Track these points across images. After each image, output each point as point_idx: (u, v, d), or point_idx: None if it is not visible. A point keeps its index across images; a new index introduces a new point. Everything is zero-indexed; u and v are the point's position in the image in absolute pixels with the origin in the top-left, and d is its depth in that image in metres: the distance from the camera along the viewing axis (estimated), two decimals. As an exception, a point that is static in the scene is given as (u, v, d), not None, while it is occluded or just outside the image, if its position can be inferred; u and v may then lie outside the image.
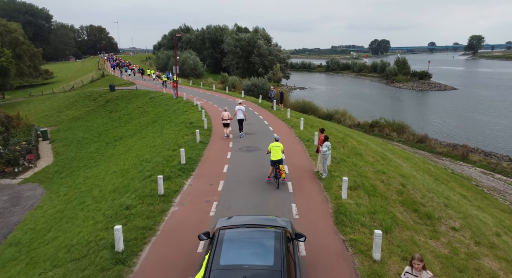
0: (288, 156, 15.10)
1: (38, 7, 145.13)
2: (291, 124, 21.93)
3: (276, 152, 12.25)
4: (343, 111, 50.33)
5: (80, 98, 43.46)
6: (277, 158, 12.15)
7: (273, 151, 12.31)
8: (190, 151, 16.06)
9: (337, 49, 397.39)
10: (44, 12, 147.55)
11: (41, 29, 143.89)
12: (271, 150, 12.40)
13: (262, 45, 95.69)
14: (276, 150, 12.30)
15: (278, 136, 13.33)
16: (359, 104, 67.65)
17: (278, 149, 12.33)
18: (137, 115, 32.45)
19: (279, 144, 12.53)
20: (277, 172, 11.97)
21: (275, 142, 12.69)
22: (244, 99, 34.15)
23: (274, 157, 12.19)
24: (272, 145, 12.52)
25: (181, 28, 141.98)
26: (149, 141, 22.45)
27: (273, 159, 12.19)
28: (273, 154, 12.24)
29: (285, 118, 23.58)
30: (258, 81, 60.90)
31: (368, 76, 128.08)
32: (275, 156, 12.19)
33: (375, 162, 16.26)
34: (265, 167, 13.64)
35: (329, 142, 12.68)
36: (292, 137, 18.94)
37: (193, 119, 23.33)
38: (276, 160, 12.14)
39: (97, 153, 25.19)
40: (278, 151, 12.29)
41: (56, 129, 35.19)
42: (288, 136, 19.11)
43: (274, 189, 11.78)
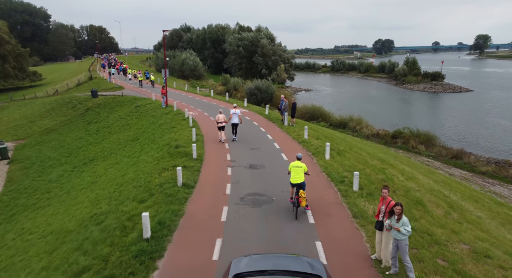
0: (317, 212, 9.44)
1: (36, 7, 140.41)
2: (311, 149, 16.16)
3: (297, 173, 10.14)
4: (359, 118, 44.36)
5: (57, 106, 37.81)
6: (297, 180, 10.08)
7: (293, 172, 10.22)
8: (164, 205, 10.32)
9: (340, 49, 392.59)
10: (42, 11, 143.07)
11: (39, 29, 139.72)
12: (291, 170, 10.33)
13: (265, 44, 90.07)
14: (297, 171, 10.19)
15: (300, 154, 10.81)
16: (371, 108, 61.80)
17: (299, 170, 10.20)
18: (117, 129, 26.77)
19: (301, 164, 10.35)
20: (296, 199, 9.76)
21: (297, 160, 10.50)
22: (247, 109, 28.35)
23: (294, 179, 10.14)
24: (292, 165, 10.39)
25: (182, 28, 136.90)
26: (119, 171, 16.75)
27: (293, 181, 10.14)
28: (294, 175, 10.17)
29: (302, 140, 17.80)
30: (262, 84, 55.14)
31: (376, 77, 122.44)
32: (295, 178, 10.12)
33: (450, 220, 10.49)
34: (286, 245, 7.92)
35: (406, 218, 6.88)
36: (316, 174, 13.17)
37: (180, 141, 17.59)
38: (296, 183, 10.06)
39: (57, 183, 19.49)
40: (299, 172, 10.17)
41: (22, 144, 29.55)
42: (310, 170, 13.34)
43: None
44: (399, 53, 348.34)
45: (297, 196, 9.71)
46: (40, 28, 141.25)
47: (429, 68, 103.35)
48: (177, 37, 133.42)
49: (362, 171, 13.53)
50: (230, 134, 18.68)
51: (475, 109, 59.57)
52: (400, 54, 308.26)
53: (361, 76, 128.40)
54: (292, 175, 10.22)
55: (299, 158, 10.56)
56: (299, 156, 10.63)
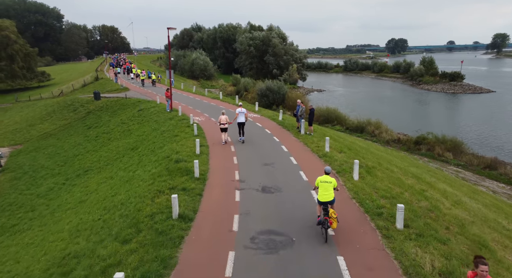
0: (353, 263, 6.92)
1: (49, 7, 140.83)
2: (334, 166, 13.58)
3: (326, 190, 8.85)
4: (377, 122, 41.37)
5: (59, 108, 35.97)
6: (327, 198, 8.78)
7: (321, 188, 8.92)
8: (152, 249, 7.91)
9: (352, 49, 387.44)
10: (55, 11, 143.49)
11: (52, 29, 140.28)
12: (319, 185, 9.02)
13: (277, 44, 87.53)
14: (326, 187, 8.88)
15: (329, 167, 9.46)
16: (387, 110, 58.65)
17: (328, 186, 8.89)
18: (118, 135, 24.62)
19: (330, 179, 9.02)
20: (326, 220, 8.48)
21: (325, 175, 9.16)
22: (259, 114, 25.84)
23: (322, 196, 8.82)
24: (320, 180, 9.05)
25: (193, 27, 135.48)
26: (111, 189, 14.48)
27: (322, 199, 8.80)
28: (321, 191, 8.89)
29: (323, 153, 15.23)
30: (274, 85, 52.60)
31: (390, 77, 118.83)
32: (324, 195, 8.80)
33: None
34: None
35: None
36: (344, 201, 10.60)
37: (182, 154, 15.23)
38: (325, 201, 8.75)
39: (45, 198, 17.37)
40: (328, 188, 8.88)
41: (17, 150, 27.67)
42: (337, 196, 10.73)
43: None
44: (413, 52, 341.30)
45: (327, 216, 8.43)
46: (53, 28, 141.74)
47: (445, 68, 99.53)
48: (188, 37, 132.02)
49: (400, 196, 10.96)
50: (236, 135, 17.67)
51: (499, 111, 55.94)
52: (413, 54, 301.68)
53: (375, 76, 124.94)
54: (320, 191, 8.87)
55: (327, 171, 9.17)
56: (328, 169, 9.25)
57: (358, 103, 65.96)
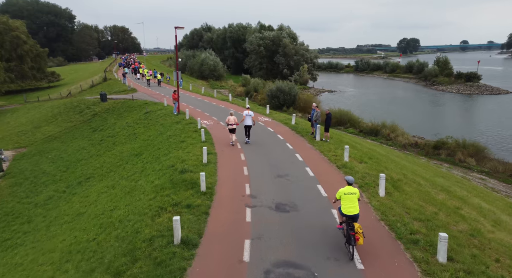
0: None
1: (61, 8, 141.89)
2: (356, 179, 12.16)
3: (351, 202, 7.92)
4: (393, 125, 39.64)
5: (65, 110, 35.19)
6: (353, 211, 7.87)
7: (345, 201, 7.95)
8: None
9: (362, 49, 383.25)
10: (67, 12, 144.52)
11: (64, 29, 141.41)
12: (342, 198, 8.00)
13: (287, 44, 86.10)
14: (351, 199, 7.94)
15: (352, 178, 8.39)
16: (401, 111, 56.70)
17: (353, 198, 7.98)
18: (123, 139, 23.57)
19: (354, 189, 8.08)
20: (352, 236, 7.58)
21: (348, 186, 8.16)
22: (270, 117, 24.49)
23: (348, 209, 7.89)
24: (343, 191, 8.06)
25: (203, 27, 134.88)
26: (111, 202, 13.34)
27: (348, 212, 7.86)
28: (346, 204, 7.93)
29: (342, 163, 13.83)
30: (284, 86, 51.19)
31: (403, 78, 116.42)
32: (349, 208, 7.88)
33: None
34: None
35: None
36: (371, 224, 9.21)
37: (187, 163, 14.01)
38: (351, 214, 7.84)
39: (43, 208, 16.35)
40: (353, 200, 7.95)
41: (21, 154, 26.88)
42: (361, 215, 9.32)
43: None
44: (425, 52, 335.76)
45: (353, 232, 7.67)
46: (65, 29, 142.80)
47: (459, 68, 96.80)
48: (198, 37, 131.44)
49: (435, 218, 9.53)
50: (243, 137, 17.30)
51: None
52: (426, 54, 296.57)
53: (387, 77, 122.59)
54: (344, 203, 8.04)
55: (350, 182, 8.27)
56: (351, 179, 8.33)
57: (370, 104, 64.15)
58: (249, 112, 17.07)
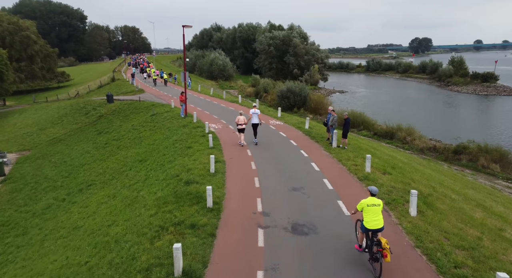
0: None
1: (73, 8, 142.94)
2: (381, 194, 10.78)
3: (376, 214, 7.19)
4: (409, 128, 37.93)
5: (71, 111, 34.44)
6: (377, 225, 7.16)
7: (368, 214, 7.21)
8: None
9: (373, 48, 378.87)
10: (79, 13, 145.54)
11: (75, 30, 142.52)
12: (364, 211, 7.29)
13: (298, 43, 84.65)
14: (375, 212, 7.21)
15: (375, 188, 7.50)
16: (415, 113, 54.77)
17: (377, 210, 7.24)
18: (128, 143, 22.56)
19: (378, 201, 7.33)
20: (379, 251, 6.83)
21: (371, 197, 7.38)
22: (282, 121, 23.17)
23: (371, 223, 7.17)
24: (366, 203, 7.31)
25: (213, 27, 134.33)
26: (110, 215, 12.24)
27: (371, 226, 7.16)
28: (369, 217, 7.19)
29: (363, 175, 12.47)
30: (295, 86, 49.79)
31: (416, 78, 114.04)
32: (373, 221, 7.17)
33: None
34: None
35: None
36: (403, 251, 7.86)
37: (193, 173, 12.83)
38: (376, 228, 7.14)
39: (40, 218, 15.37)
40: (377, 213, 7.21)
41: (24, 157, 26.10)
42: (390, 239, 8.00)
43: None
44: (437, 52, 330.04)
45: (380, 248, 6.90)
46: (77, 29, 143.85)
47: (474, 68, 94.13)
48: (208, 37, 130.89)
49: (479, 244, 8.14)
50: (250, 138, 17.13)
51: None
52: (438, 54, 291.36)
53: (399, 77, 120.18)
54: (367, 216, 7.30)
55: (374, 192, 7.48)
56: (375, 190, 7.52)
57: (383, 105, 62.38)
58: (256, 111, 17.13)
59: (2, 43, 63.68)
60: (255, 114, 17.01)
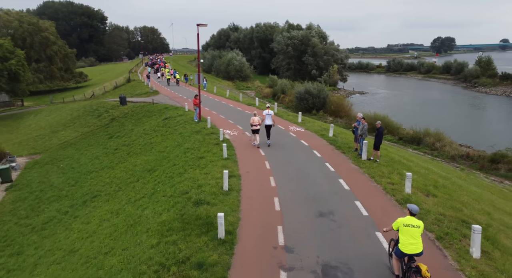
0: None
1: (94, 9, 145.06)
2: (429, 224, 8.87)
3: (413, 237, 6.28)
4: (438, 133, 35.36)
5: (83, 114, 33.59)
6: (414, 249, 6.25)
7: (405, 235, 6.32)
8: None
9: (393, 48, 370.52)
10: (99, 13, 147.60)
11: (96, 30, 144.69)
12: (400, 231, 6.39)
13: (317, 43, 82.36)
14: (413, 234, 6.29)
15: (415, 206, 6.56)
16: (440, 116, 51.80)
17: (416, 232, 6.31)
18: (138, 149, 21.23)
19: (418, 222, 6.41)
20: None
21: (409, 216, 6.48)
22: (303, 127, 21.29)
23: (406, 246, 6.27)
24: (403, 222, 6.41)
25: (230, 27, 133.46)
26: (110, 237, 10.77)
27: (407, 250, 6.26)
28: (406, 240, 6.30)
29: (403, 196, 10.55)
30: (313, 88, 47.73)
31: (439, 79, 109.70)
32: (411, 245, 6.26)
33: None
34: None
35: None
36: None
37: (204, 190, 11.23)
38: (412, 253, 6.24)
39: (39, 235, 14.10)
40: (415, 235, 6.29)
41: (34, 161, 25.20)
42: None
43: None
44: (461, 52, 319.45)
45: (419, 276, 5.90)
46: (97, 30, 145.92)
47: (503, 69, 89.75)
48: (225, 37, 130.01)
49: None
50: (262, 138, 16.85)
51: None
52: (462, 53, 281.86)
53: (421, 77, 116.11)
54: (404, 239, 6.38)
55: (414, 212, 6.55)
56: (415, 209, 6.60)
57: (405, 107, 59.53)
58: (269, 112, 16.95)
59: (23, 44, 64.25)
60: (268, 116, 16.79)
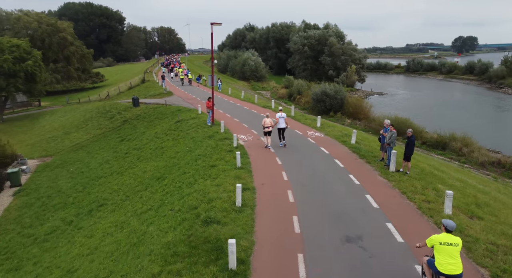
0: None
1: (112, 10, 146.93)
2: (478, 255, 7.48)
3: (452, 256, 5.66)
4: (465, 137, 33.29)
5: (96, 115, 33.07)
6: (453, 270, 5.64)
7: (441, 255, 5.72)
8: None
9: (412, 48, 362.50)
10: (117, 14, 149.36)
11: (114, 31, 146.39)
12: (436, 250, 5.79)
13: (334, 43, 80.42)
14: (451, 253, 5.68)
15: (452, 222, 5.91)
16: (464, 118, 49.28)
17: (453, 251, 5.70)
18: (148, 154, 20.32)
19: (456, 239, 5.81)
20: None
21: (445, 233, 5.88)
22: (322, 132, 19.90)
23: (444, 266, 5.67)
24: (439, 240, 5.82)
25: (246, 27, 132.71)
26: (111, 257, 9.75)
27: (446, 271, 5.65)
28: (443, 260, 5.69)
29: (441, 218, 9.12)
30: (330, 89, 46.11)
31: (462, 79, 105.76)
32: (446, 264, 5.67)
33: None
34: None
35: None
36: None
37: (216, 206, 10.09)
38: (451, 274, 5.63)
39: (40, 247, 13.26)
40: (454, 254, 5.68)
41: (45, 164, 24.68)
42: None
43: None
44: (483, 51, 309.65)
45: None
46: (115, 30, 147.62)
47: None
48: (241, 37, 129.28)
49: None
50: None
51: None
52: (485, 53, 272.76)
53: (443, 78, 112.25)
54: (441, 258, 5.60)
55: (450, 228, 5.78)
56: (451, 225, 5.82)
57: (427, 109, 57.07)
58: (282, 114, 16.92)
59: (42, 44, 64.90)
60: (282, 118, 16.78)
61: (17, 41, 44.67)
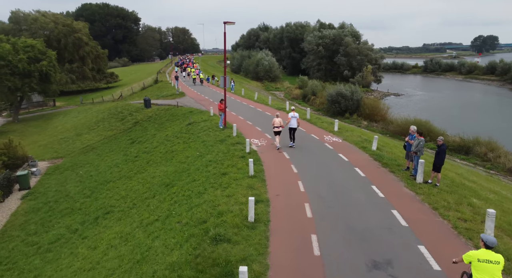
0: None
1: (128, 11, 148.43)
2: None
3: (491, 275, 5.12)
4: (490, 142, 31.62)
5: (108, 116, 32.71)
6: None
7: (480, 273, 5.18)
8: None
9: (429, 47, 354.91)
10: (133, 15, 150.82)
11: (129, 31, 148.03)
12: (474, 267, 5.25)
13: (350, 43, 78.73)
14: (489, 271, 5.14)
15: (493, 238, 5.39)
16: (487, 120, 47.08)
17: (494, 269, 5.15)
18: (158, 158, 19.62)
19: (497, 257, 5.24)
20: None
21: (485, 250, 5.32)
22: (340, 137, 18.75)
23: None
24: (476, 256, 5.29)
25: (260, 27, 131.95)
26: (112, 276, 8.99)
27: None
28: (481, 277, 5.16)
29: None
30: (345, 90, 44.76)
31: (482, 80, 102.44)
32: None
33: None
34: None
35: None
36: None
37: (226, 221, 9.22)
38: None
39: (42, 259, 12.63)
40: (494, 273, 5.12)
41: (55, 166, 24.32)
42: None
43: None
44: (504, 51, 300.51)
45: None
46: (131, 30, 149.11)
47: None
48: (255, 37, 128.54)
49: None
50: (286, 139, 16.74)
51: None
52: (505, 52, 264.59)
53: (462, 78, 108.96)
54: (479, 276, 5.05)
55: (490, 244, 5.23)
56: (491, 241, 5.25)
57: (446, 111, 55.03)
58: (294, 114, 16.67)
59: (58, 44, 65.55)
60: (293, 118, 16.58)
61: (32, 42, 44.92)
